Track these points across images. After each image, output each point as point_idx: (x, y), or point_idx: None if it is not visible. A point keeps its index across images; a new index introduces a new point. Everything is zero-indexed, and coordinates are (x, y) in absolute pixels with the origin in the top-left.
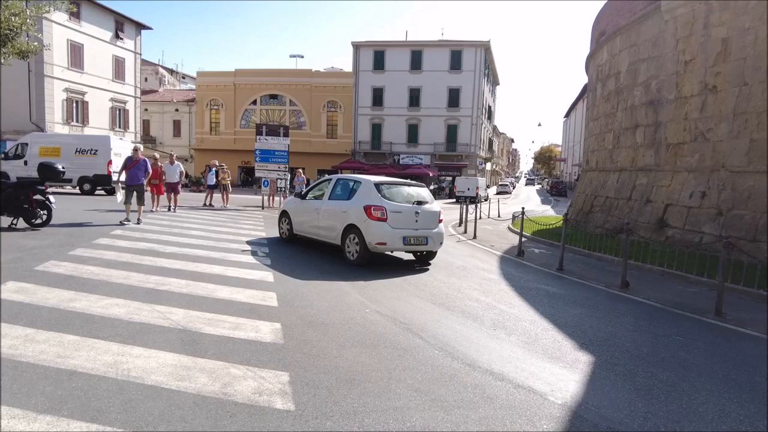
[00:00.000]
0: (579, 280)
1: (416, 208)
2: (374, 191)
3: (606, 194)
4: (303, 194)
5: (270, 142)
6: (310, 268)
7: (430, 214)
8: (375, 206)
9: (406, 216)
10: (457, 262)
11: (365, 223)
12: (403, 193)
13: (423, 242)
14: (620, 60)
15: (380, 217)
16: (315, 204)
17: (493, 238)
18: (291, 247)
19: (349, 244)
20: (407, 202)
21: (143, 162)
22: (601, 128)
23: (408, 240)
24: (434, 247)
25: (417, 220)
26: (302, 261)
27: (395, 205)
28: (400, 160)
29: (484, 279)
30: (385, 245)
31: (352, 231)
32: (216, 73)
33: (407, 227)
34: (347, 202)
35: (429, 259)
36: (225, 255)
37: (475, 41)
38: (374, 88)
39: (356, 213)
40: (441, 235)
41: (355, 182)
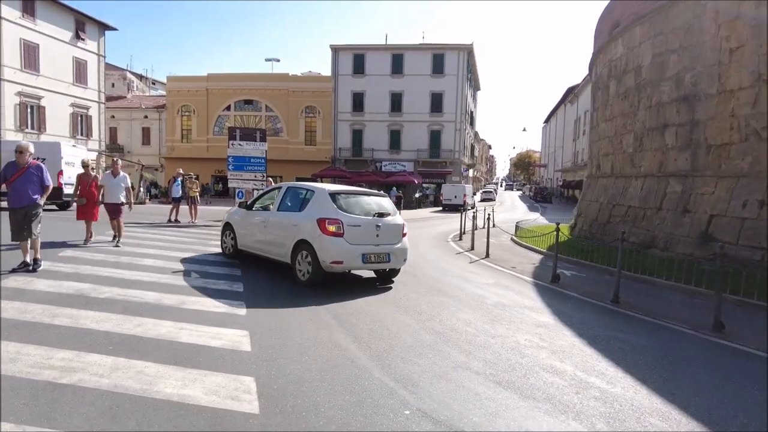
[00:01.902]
0: (650, 318)
1: (377, 221)
2: (329, 202)
3: (628, 203)
4: (249, 204)
5: (245, 147)
6: (306, 317)
7: (393, 228)
8: (330, 219)
9: (365, 230)
10: (489, 296)
11: (318, 239)
12: (362, 204)
13: (385, 259)
14: (641, 52)
15: (336, 231)
16: (262, 216)
17: (504, 254)
18: (265, 273)
19: (300, 262)
20: (367, 214)
21: (35, 169)
22: (617, 129)
23: (368, 257)
24: (397, 264)
25: (378, 235)
26: (294, 299)
27: (353, 218)
28: (382, 167)
29: (537, 325)
30: (342, 264)
31: (303, 247)
32: (187, 77)
33: (367, 243)
34: (298, 214)
35: (392, 276)
36: (183, 299)
37: (457, 44)
38: (354, 93)
39: (308, 227)
40: (405, 251)
41: (307, 191)
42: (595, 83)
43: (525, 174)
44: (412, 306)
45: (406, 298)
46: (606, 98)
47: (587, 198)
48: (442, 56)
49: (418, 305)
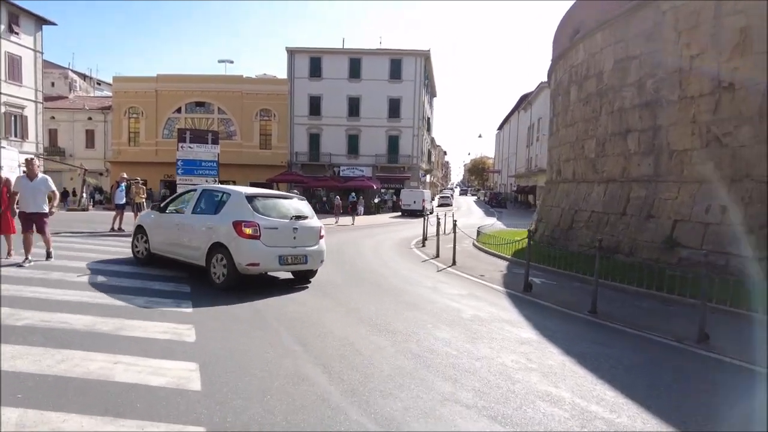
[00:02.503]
0: (632, 330)
1: (294, 223)
2: (245, 205)
3: (591, 208)
4: (162, 206)
5: (195, 150)
6: (267, 341)
7: (310, 231)
8: (246, 222)
9: (282, 233)
10: (464, 309)
11: (235, 242)
12: (280, 207)
13: (302, 261)
14: (603, 58)
15: (252, 234)
16: (176, 219)
17: (470, 261)
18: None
19: (215, 264)
20: (284, 217)
21: None
22: (578, 135)
23: (285, 259)
24: (314, 265)
25: (295, 237)
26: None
27: (270, 221)
28: (340, 172)
29: (520, 342)
30: (258, 266)
31: (219, 250)
32: (135, 78)
33: (284, 245)
34: (214, 216)
35: (309, 277)
36: (122, 324)
37: (415, 50)
38: (311, 96)
39: (224, 230)
40: (321, 253)
41: (223, 194)
42: (554, 89)
43: (479, 179)
44: (385, 324)
45: (377, 314)
46: (567, 104)
47: (548, 203)
48: (400, 61)
49: (391, 323)
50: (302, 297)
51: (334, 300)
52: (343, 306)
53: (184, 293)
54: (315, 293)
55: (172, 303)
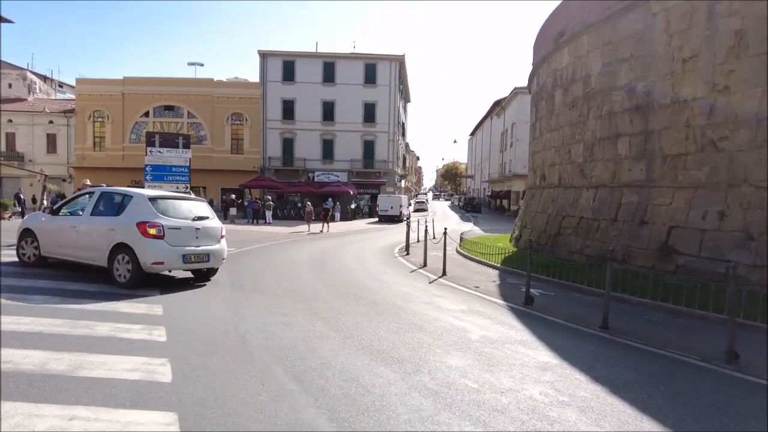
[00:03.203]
0: (652, 348)
1: (196, 224)
2: (148, 206)
3: (580, 214)
4: (56, 209)
5: (165, 155)
6: (257, 379)
7: (212, 231)
8: (150, 223)
9: (185, 232)
10: (471, 329)
11: (139, 242)
12: (182, 208)
13: (205, 259)
14: (589, 61)
15: (156, 234)
16: (71, 221)
17: (459, 270)
18: (194, 311)
19: (118, 265)
20: (186, 218)
21: None
22: (564, 139)
23: (188, 258)
24: (216, 263)
25: (198, 237)
26: None
27: (173, 221)
28: (315, 178)
29: (541, 368)
30: (163, 264)
31: (122, 250)
32: (100, 80)
33: (187, 244)
34: (115, 218)
35: (210, 275)
36: (80, 360)
37: (389, 55)
38: (284, 100)
39: (127, 230)
40: (223, 251)
41: (125, 196)
42: (537, 93)
43: (452, 184)
44: (389, 351)
45: (378, 339)
46: (551, 108)
47: (532, 209)
48: (375, 66)
49: (395, 349)
50: (291, 320)
51: (327, 322)
52: (338, 329)
53: (156, 317)
54: (305, 314)
55: (142, 329)
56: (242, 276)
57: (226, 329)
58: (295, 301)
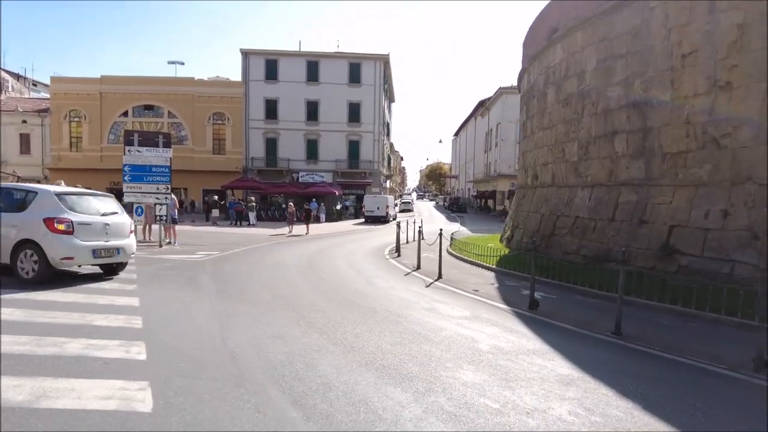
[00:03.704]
0: (671, 356)
1: (105, 219)
2: (56, 202)
3: (575, 214)
4: None
5: (145, 155)
6: (253, 404)
7: (121, 226)
8: (59, 218)
9: (95, 228)
10: (479, 338)
11: (47, 237)
12: (90, 204)
13: (114, 254)
14: (584, 57)
15: (65, 230)
16: None
17: (454, 273)
18: (178, 321)
19: (23, 261)
20: (95, 213)
21: None
22: (557, 137)
23: (98, 252)
24: (126, 258)
25: (107, 232)
26: None
27: (82, 217)
28: (299, 178)
29: (563, 382)
30: (73, 260)
31: (27, 246)
32: (77, 79)
33: (97, 239)
34: (19, 214)
35: (120, 270)
36: (43, 387)
37: (374, 54)
38: (267, 100)
39: (33, 226)
40: (132, 246)
41: (28, 192)
42: (527, 91)
43: (437, 185)
44: (396, 366)
45: (382, 352)
46: (543, 106)
47: (524, 209)
48: (359, 65)
49: (402, 364)
50: (285, 332)
51: (324, 333)
52: (336, 342)
53: (135, 330)
54: (299, 324)
55: (119, 346)
56: (227, 282)
57: (214, 344)
58: (287, 309)
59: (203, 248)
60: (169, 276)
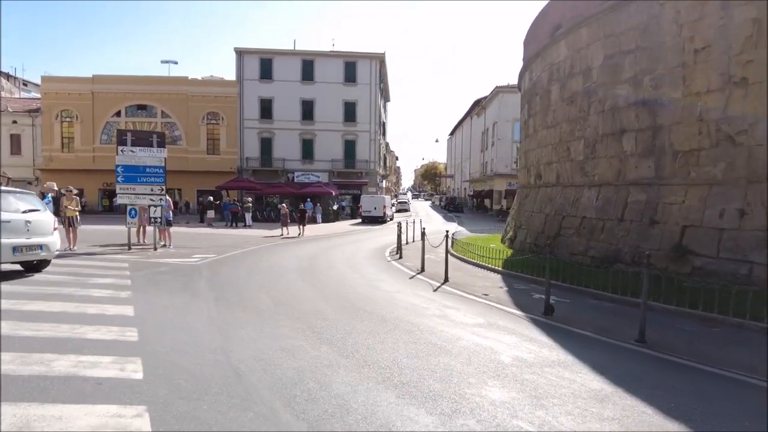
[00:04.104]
0: (711, 368)
1: (26, 216)
2: None
3: (582, 214)
4: None
5: (138, 155)
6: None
7: (43, 223)
8: None
9: (15, 225)
10: (499, 348)
11: None
12: (10, 202)
13: (36, 251)
14: (590, 54)
15: None
16: None
17: (460, 275)
18: (175, 333)
19: None
20: (15, 210)
21: None
22: (562, 136)
23: (19, 249)
24: (49, 255)
25: (29, 229)
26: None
27: (2, 215)
28: (295, 178)
29: (597, 399)
30: None
31: None
32: (68, 78)
33: (17, 237)
34: None
35: (42, 267)
36: (28, 415)
37: (369, 53)
38: (262, 99)
39: None
40: (56, 243)
41: None
42: (529, 89)
43: (432, 184)
44: (416, 382)
45: (399, 365)
46: (547, 104)
47: (527, 209)
48: (354, 64)
49: (422, 380)
50: (292, 344)
51: (334, 346)
52: (348, 355)
53: (129, 344)
54: (305, 335)
55: (113, 364)
56: (226, 288)
57: (216, 359)
58: (291, 317)
59: (199, 251)
60: (164, 281)
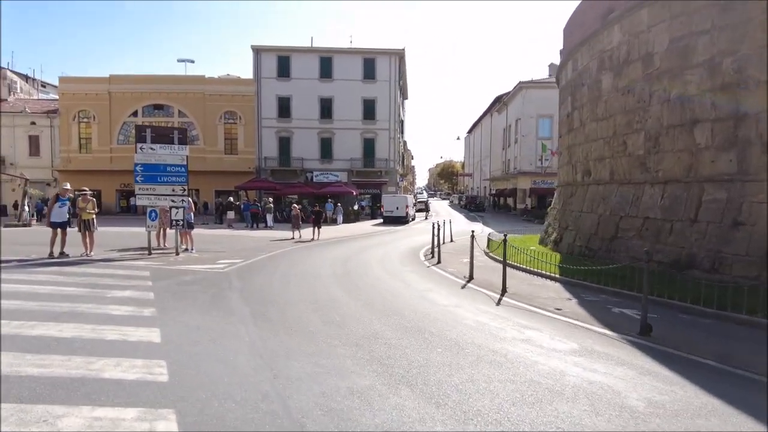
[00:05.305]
0: None
1: None
2: None
3: (643, 214)
4: None
5: (158, 152)
6: None
7: None
8: None
9: None
10: (620, 387)
11: None
12: None
13: None
14: (651, 38)
15: None
16: None
17: (515, 284)
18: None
19: None
20: None
21: None
22: (617, 129)
23: None
24: None
25: None
26: None
27: None
28: (313, 178)
29: None
30: None
31: None
32: (85, 79)
33: None
34: None
35: None
36: None
37: (389, 49)
38: (280, 98)
39: None
40: None
41: None
42: (574, 80)
43: (449, 183)
44: None
45: (510, 417)
46: (597, 94)
47: (574, 208)
48: (374, 61)
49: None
50: (361, 383)
51: (414, 387)
52: (438, 403)
53: (153, 346)
54: (373, 369)
55: (141, 369)
56: (262, 301)
57: (271, 409)
58: (348, 343)
59: (223, 255)
60: (191, 293)
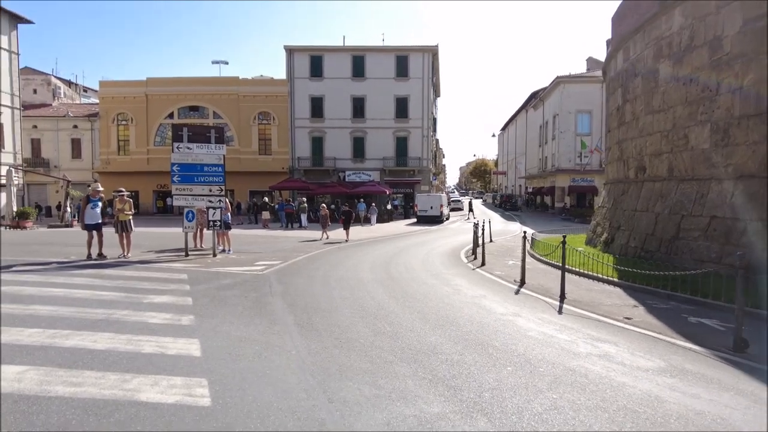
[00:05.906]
0: None
1: None
2: None
3: (710, 213)
4: None
5: (195, 152)
6: None
7: None
8: None
9: None
10: (735, 419)
11: None
12: None
13: None
14: (720, 21)
15: None
16: None
17: (573, 289)
18: None
19: None
20: None
21: None
22: (677, 121)
23: None
24: None
25: None
26: None
27: None
28: (346, 178)
29: None
30: None
31: None
32: (123, 82)
33: None
34: None
35: None
36: None
37: (422, 46)
38: (312, 98)
39: None
40: None
41: None
42: (624, 71)
43: (481, 182)
44: None
45: None
46: (653, 85)
47: (626, 207)
48: (406, 58)
49: None
50: (428, 411)
51: (492, 416)
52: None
53: (192, 359)
54: (441, 393)
55: (180, 382)
56: (306, 308)
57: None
58: (406, 359)
59: (261, 257)
60: (231, 299)
